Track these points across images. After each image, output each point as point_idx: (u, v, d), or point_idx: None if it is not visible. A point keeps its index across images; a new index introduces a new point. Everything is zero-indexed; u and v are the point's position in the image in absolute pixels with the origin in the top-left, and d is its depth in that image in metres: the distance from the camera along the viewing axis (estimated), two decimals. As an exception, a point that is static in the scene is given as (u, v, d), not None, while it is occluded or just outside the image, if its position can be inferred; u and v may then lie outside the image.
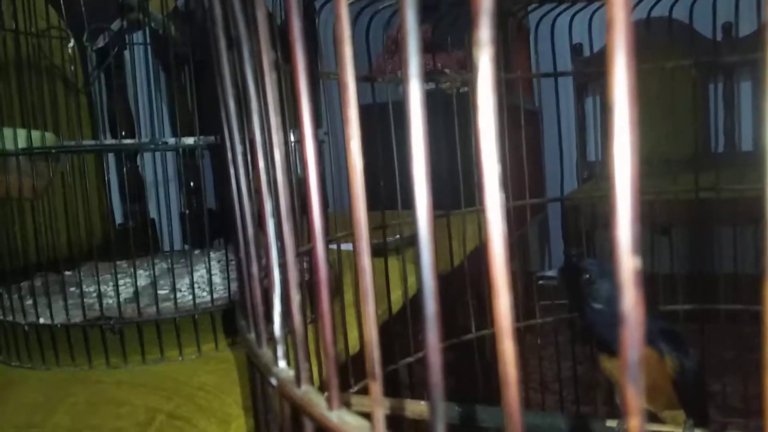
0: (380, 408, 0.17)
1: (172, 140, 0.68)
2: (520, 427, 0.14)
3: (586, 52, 2.24)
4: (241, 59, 0.27)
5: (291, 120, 0.60)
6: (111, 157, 0.92)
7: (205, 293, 0.70)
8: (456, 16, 1.06)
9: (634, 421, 0.12)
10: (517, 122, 0.97)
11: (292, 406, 0.23)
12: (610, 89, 0.13)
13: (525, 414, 0.15)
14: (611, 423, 0.49)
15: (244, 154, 0.30)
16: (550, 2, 0.67)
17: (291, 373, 0.23)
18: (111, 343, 0.63)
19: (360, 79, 0.76)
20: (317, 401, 0.20)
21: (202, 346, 0.65)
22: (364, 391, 0.62)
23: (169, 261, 0.89)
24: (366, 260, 0.17)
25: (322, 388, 0.22)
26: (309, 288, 0.64)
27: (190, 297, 0.67)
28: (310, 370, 0.22)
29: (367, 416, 0.19)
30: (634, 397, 0.12)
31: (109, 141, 0.62)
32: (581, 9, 0.69)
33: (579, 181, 2.27)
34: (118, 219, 1.16)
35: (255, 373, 0.28)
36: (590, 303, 0.48)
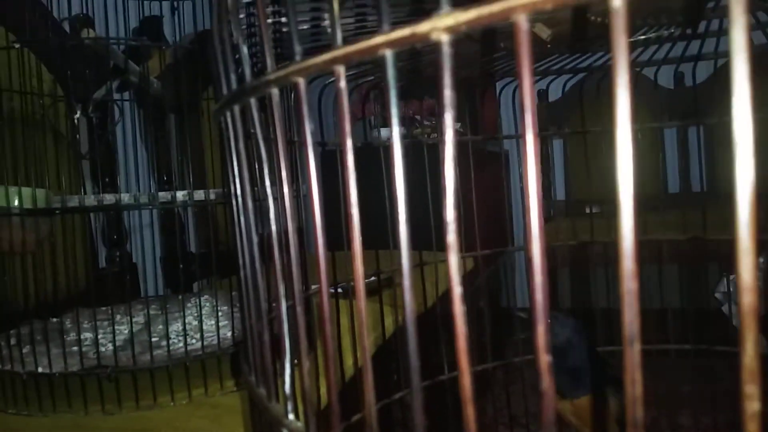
0: (376, 452, 0.23)
1: (165, 196, 0.74)
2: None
3: (551, 98, 2.38)
4: (256, 143, 0.33)
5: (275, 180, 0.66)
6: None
7: (195, 340, 0.75)
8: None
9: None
10: (483, 165, 1.04)
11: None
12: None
13: None
14: (568, 456, 0.55)
15: (256, 214, 0.35)
16: (510, 76, 0.75)
17: (299, 424, 0.29)
18: (106, 390, 0.67)
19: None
20: (324, 447, 0.26)
21: (193, 391, 0.69)
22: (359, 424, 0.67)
23: (154, 306, 0.93)
24: (365, 336, 0.23)
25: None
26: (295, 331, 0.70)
27: (181, 345, 0.72)
28: (317, 423, 0.28)
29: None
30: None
31: (108, 199, 0.67)
32: (538, 80, 0.77)
33: (545, 219, 2.37)
34: (101, 264, 1.20)
35: (264, 423, 0.34)
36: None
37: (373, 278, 1.01)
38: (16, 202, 0.68)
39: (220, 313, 0.84)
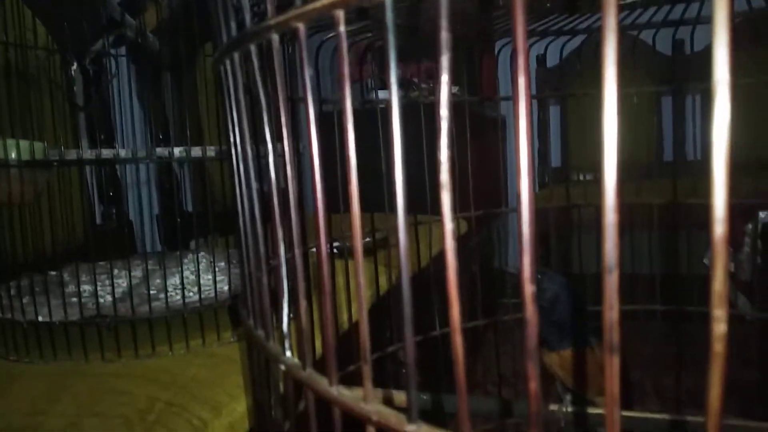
0: (369, 382, 0.24)
1: (163, 151, 0.74)
2: (467, 410, 0.21)
3: (550, 62, 2.36)
4: (258, 101, 0.33)
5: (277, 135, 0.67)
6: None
7: (192, 293, 0.76)
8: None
9: (533, 385, 0.19)
10: (481, 130, 1.04)
11: (297, 385, 0.29)
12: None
13: (470, 401, 0.21)
14: (553, 407, 0.57)
15: (255, 165, 0.36)
16: (508, 36, 0.75)
17: (296, 360, 0.30)
18: (106, 339, 0.69)
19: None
20: (320, 380, 0.27)
21: (191, 342, 0.71)
22: (352, 375, 0.69)
23: (152, 262, 0.95)
24: (360, 270, 0.24)
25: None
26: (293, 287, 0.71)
27: (179, 297, 0.73)
28: (313, 359, 0.29)
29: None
30: (533, 369, 0.19)
31: (106, 153, 0.67)
32: (536, 41, 0.77)
33: (540, 185, 2.39)
34: (98, 220, 1.20)
35: (261, 362, 0.35)
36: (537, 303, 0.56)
37: (368, 239, 1.03)
38: (14, 155, 0.68)
39: (217, 269, 0.85)
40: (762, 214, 1.28)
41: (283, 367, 0.31)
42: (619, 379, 0.19)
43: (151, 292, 0.75)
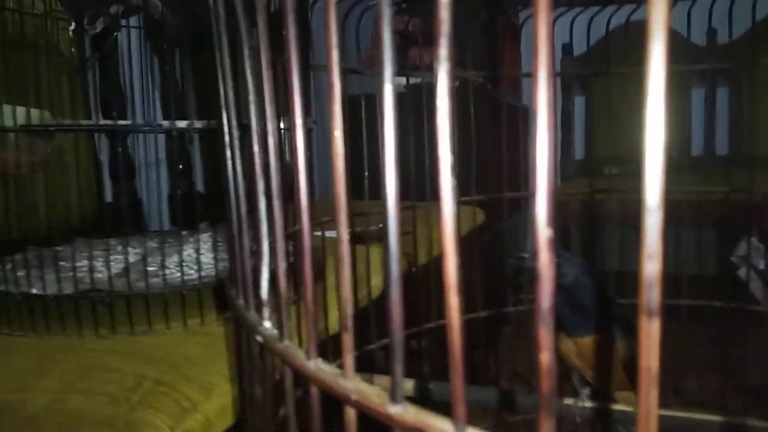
0: (350, 354, 0.20)
1: (166, 123, 0.71)
2: (462, 387, 0.17)
3: (577, 51, 2.28)
4: (241, 56, 0.30)
5: (282, 108, 0.63)
6: (104, 137, 0.94)
7: (192, 271, 0.73)
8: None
9: (545, 356, 0.15)
10: (500, 117, 1.00)
11: (275, 359, 0.26)
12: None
13: (467, 389, 0.17)
14: (568, 401, 0.53)
15: (240, 140, 0.33)
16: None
17: (275, 331, 0.27)
18: (100, 315, 0.66)
19: (346, 71, 0.78)
20: (297, 353, 0.24)
21: (189, 320, 0.67)
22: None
23: (156, 240, 0.92)
24: (344, 232, 0.20)
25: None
26: (293, 269, 0.68)
27: (179, 274, 0.70)
28: (291, 329, 0.25)
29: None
30: (545, 336, 0.15)
31: (105, 121, 0.64)
32: (564, 12, 0.72)
33: (561, 179, 2.32)
34: (108, 198, 1.18)
35: (242, 334, 0.32)
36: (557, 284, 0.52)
37: (381, 225, 0.98)
38: (11, 121, 0.65)
39: (221, 249, 0.82)
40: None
41: (260, 339, 0.27)
42: (658, 353, 0.14)
43: (150, 269, 0.72)
